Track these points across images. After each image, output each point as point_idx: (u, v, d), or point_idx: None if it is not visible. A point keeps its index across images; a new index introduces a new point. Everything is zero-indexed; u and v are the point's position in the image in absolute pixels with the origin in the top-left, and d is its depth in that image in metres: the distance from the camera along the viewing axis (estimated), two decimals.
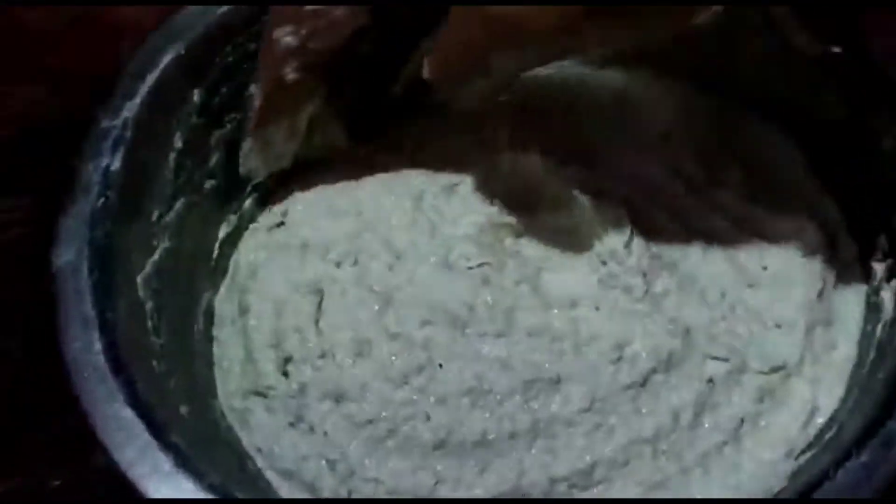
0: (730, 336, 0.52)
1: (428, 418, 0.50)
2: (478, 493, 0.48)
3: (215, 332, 0.57)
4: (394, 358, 0.52)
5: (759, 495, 0.45)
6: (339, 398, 0.51)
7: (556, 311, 0.53)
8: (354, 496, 0.49)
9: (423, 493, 0.49)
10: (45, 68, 0.65)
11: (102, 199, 0.49)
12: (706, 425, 0.50)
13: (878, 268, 0.51)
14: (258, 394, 0.53)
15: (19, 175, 0.68)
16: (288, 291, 0.55)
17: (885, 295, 0.49)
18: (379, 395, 0.51)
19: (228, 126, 0.58)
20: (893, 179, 0.50)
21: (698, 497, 0.48)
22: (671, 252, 0.55)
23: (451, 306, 0.52)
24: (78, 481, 0.57)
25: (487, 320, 0.52)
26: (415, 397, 0.51)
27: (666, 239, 0.55)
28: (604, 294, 0.54)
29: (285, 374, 0.53)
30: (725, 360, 0.51)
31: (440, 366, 0.51)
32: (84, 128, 0.52)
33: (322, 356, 0.53)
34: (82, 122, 0.52)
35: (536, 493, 0.48)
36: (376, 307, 0.53)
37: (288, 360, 0.53)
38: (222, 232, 0.59)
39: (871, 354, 0.48)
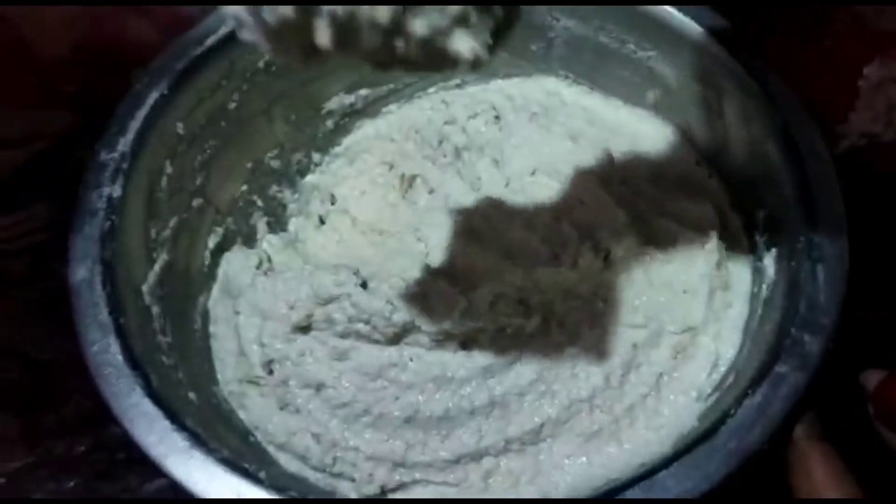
0: (648, 306, 0.57)
1: (396, 399, 0.54)
2: (443, 455, 0.53)
3: (211, 328, 0.60)
4: (370, 358, 0.56)
5: (676, 434, 0.50)
6: (318, 387, 0.55)
7: None
8: (338, 463, 0.53)
9: (396, 457, 0.53)
10: (60, 94, 0.67)
11: (108, 223, 0.52)
12: (632, 381, 0.54)
13: (760, 239, 0.56)
14: (251, 382, 0.57)
15: (38, 186, 0.71)
16: (272, 305, 0.58)
17: (767, 261, 0.54)
18: (354, 384, 0.55)
19: (208, 151, 0.61)
20: (764, 167, 0.55)
21: (626, 441, 0.52)
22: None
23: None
24: (98, 447, 0.61)
25: None
26: (385, 384, 0.55)
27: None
28: None
29: (270, 371, 0.57)
30: (645, 326, 0.56)
31: (410, 360, 0.55)
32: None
33: (301, 354, 0.56)
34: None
35: (493, 453, 0.53)
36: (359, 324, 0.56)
37: (270, 361, 0.57)
38: (211, 243, 0.62)
39: (759, 310, 0.53)
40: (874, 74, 0.63)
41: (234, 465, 0.45)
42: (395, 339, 0.55)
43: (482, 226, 0.60)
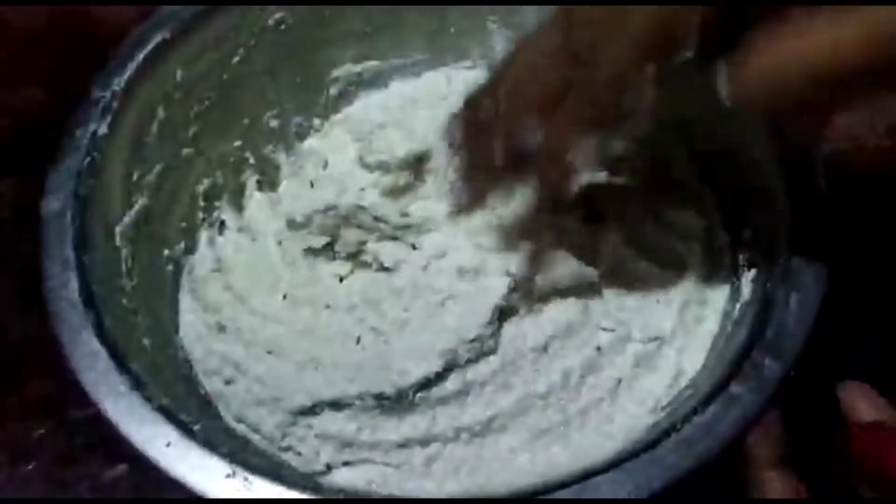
0: (619, 309, 0.54)
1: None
2: (392, 437, 0.51)
3: (183, 281, 0.58)
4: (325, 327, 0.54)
5: (624, 443, 0.48)
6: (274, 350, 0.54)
7: None
8: (287, 437, 0.51)
9: (346, 438, 0.51)
10: (37, 68, 0.66)
11: (89, 159, 0.51)
12: (589, 384, 0.52)
13: (742, 257, 0.54)
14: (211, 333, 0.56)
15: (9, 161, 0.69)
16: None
17: (745, 281, 0.52)
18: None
19: (206, 103, 0.59)
20: (758, 184, 0.53)
21: (573, 444, 0.50)
22: None
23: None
24: (58, 431, 0.59)
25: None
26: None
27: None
28: None
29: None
30: (613, 330, 0.53)
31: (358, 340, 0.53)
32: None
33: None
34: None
35: (441, 440, 0.51)
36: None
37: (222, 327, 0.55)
38: (198, 193, 0.61)
39: (729, 329, 0.51)
40: None
41: (170, 414, 0.44)
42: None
43: None
